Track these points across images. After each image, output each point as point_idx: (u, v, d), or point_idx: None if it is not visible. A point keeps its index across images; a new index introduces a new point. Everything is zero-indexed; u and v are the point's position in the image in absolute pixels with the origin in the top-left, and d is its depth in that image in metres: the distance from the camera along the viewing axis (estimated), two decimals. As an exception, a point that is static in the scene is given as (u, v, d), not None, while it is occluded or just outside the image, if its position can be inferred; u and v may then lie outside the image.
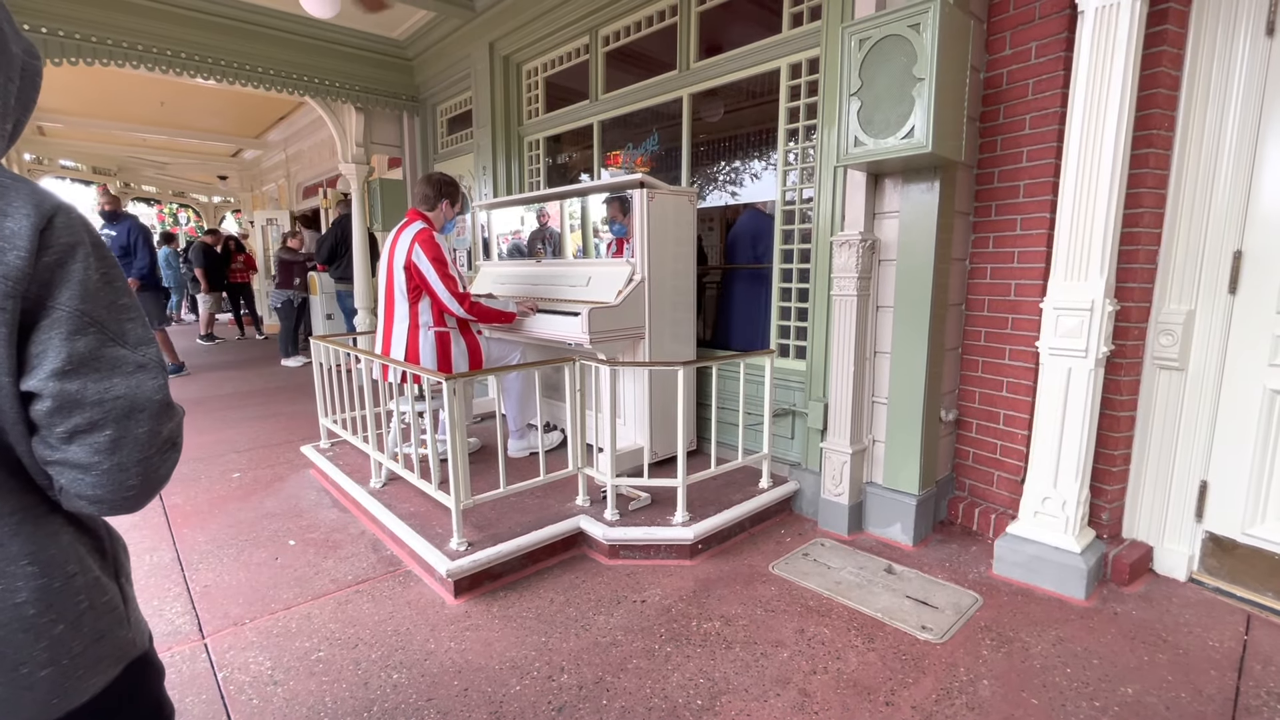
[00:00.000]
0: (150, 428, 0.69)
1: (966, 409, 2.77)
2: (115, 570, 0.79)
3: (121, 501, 0.69)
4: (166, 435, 0.71)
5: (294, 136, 9.02)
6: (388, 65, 5.43)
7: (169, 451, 0.72)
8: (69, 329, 0.64)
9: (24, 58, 0.72)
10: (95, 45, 4.09)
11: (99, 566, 0.75)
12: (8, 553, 0.65)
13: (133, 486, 0.69)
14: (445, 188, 3.07)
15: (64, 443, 0.65)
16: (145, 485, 0.70)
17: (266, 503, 3.13)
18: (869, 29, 2.26)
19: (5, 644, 0.65)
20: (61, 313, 0.64)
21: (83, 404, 0.64)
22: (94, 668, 0.72)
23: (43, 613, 0.67)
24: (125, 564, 0.83)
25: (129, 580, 0.83)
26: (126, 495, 0.69)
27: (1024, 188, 2.49)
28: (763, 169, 3.55)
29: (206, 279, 8.78)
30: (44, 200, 0.65)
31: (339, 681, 1.82)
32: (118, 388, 0.66)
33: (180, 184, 12.46)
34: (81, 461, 0.65)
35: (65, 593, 0.69)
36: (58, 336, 0.64)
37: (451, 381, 2.25)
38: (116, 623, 0.75)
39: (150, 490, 0.71)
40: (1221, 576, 2.25)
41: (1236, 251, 2.13)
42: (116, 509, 0.70)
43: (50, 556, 0.68)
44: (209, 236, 9.18)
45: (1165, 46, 2.13)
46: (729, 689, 1.78)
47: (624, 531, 2.50)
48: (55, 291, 0.64)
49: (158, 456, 0.70)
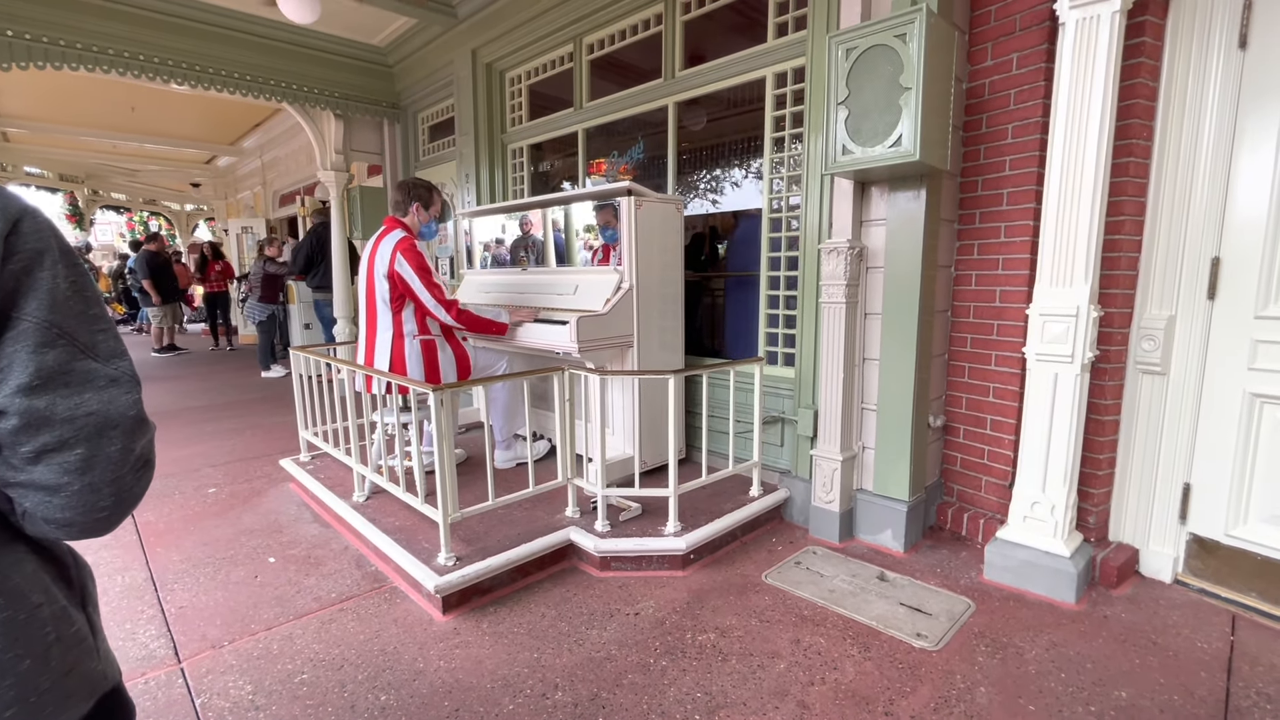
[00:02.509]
0: (123, 445, 0.65)
1: (953, 415, 2.79)
2: (82, 599, 0.74)
3: (93, 524, 0.65)
4: (140, 453, 0.67)
5: (270, 143, 8.87)
6: (368, 72, 5.36)
7: (142, 470, 0.68)
8: (36, 341, 0.60)
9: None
10: (63, 49, 3.98)
11: (65, 595, 0.70)
12: None
13: (105, 508, 0.65)
14: (414, 190, 3.01)
15: (30, 463, 0.60)
16: (118, 506, 0.66)
17: (244, 518, 3.04)
18: (856, 39, 2.28)
19: None
20: (28, 324, 0.60)
21: (52, 421, 0.60)
22: (63, 704, 0.67)
23: (7, 648, 0.62)
24: (92, 591, 0.78)
25: (96, 609, 0.77)
26: (98, 517, 0.65)
27: (1007, 195, 2.52)
28: (747, 177, 3.56)
29: (157, 290, 8.03)
30: (9, 204, 0.61)
31: (324, 705, 1.75)
32: (89, 403, 0.62)
33: (151, 191, 12.16)
34: (50, 483, 0.61)
35: (30, 625, 0.64)
36: (24, 350, 0.59)
37: (439, 393, 2.21)
38: (85, 655, 0.70)
39: (123, 511, 0.67)
40: (1205, 577, 2.29)
41: (1214, 258, 2.18)
42: (87, 532, 0.65)
43: (13, 587, 0.63)
44: (152, 244, 8.30)
45: (1143, 58, 2.18)
46: (727, 703, 1.75)
47: (615, 543, 2.47)
48: (21, 301, 0.60)
49: (131, 475, 0.66)
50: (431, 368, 2.92)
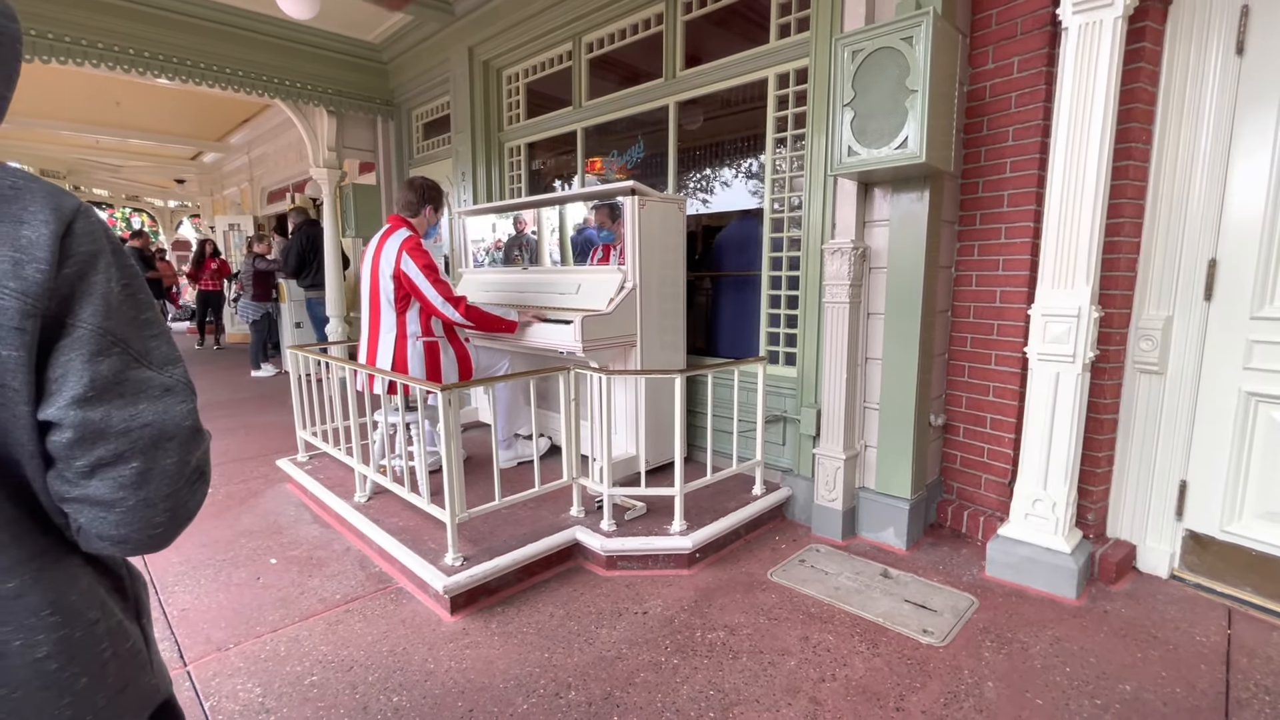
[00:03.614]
0: (179, 457, 0.62)
1: (954, 414, 2.83)
2: (137, 611, 0.73)
3: (147, 541, 0.63)
4: (195, 464, 0.65)
5: (259, 139, 8.75)
6: (362, 68, 5.31)
7: (198, 483, 0.66)
8: (91, 350, 0.57)
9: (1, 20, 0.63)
10: (51, 43, 3.90)
11: (120, 609, 0.69)
12: (28, 604, 0.58)
13: (159, 524, 0.62)
14: (429, 193, 3.00)
15: (84, 477, 0.58)
16: (173, 522, 0.63)
17: (243, 520, 3.00)
18: (862, 41, 2.30)
19: (26, 704, 0.58)
20: (83, 331, 0.57)
21: (107, 434, 0.58)
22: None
23: (64, 666, 0.60)
24: (146, 603, 0.76)
25: (150, 620, 0.76)
26: (153, 534, 0.62)
27: (1008, 197, 2.55)
28: (750, 177, 3.57)
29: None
30: (63, 203, 0.58)
31: (336, 707, 1.74)
32: (144, 414, 0.60)
33: (134, 188, 11.96)
34: (104, 498, 0.59)
35: (87, 642, 0.62)
36: (79, 358, 0.57)
37: (446, 392, 2.20)
38: (140, 669, 0.69)
39: (178, 527, 0.65)
40: (1202, 573, 2.33)
41: (1211, 260, 2.22)
42: (141, 549, 0.63)
43: (70, 604, 0.62)
44: (136, 240, 8.17)
45: (1143, 63, 2.22)
46: (740, 700, 1.76)
47: (622, 542, 2.47)
48: (76, 307, 0.57)
49: (186, 489, 0.64)
50: (434, 368, 2.91)
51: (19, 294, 0.54)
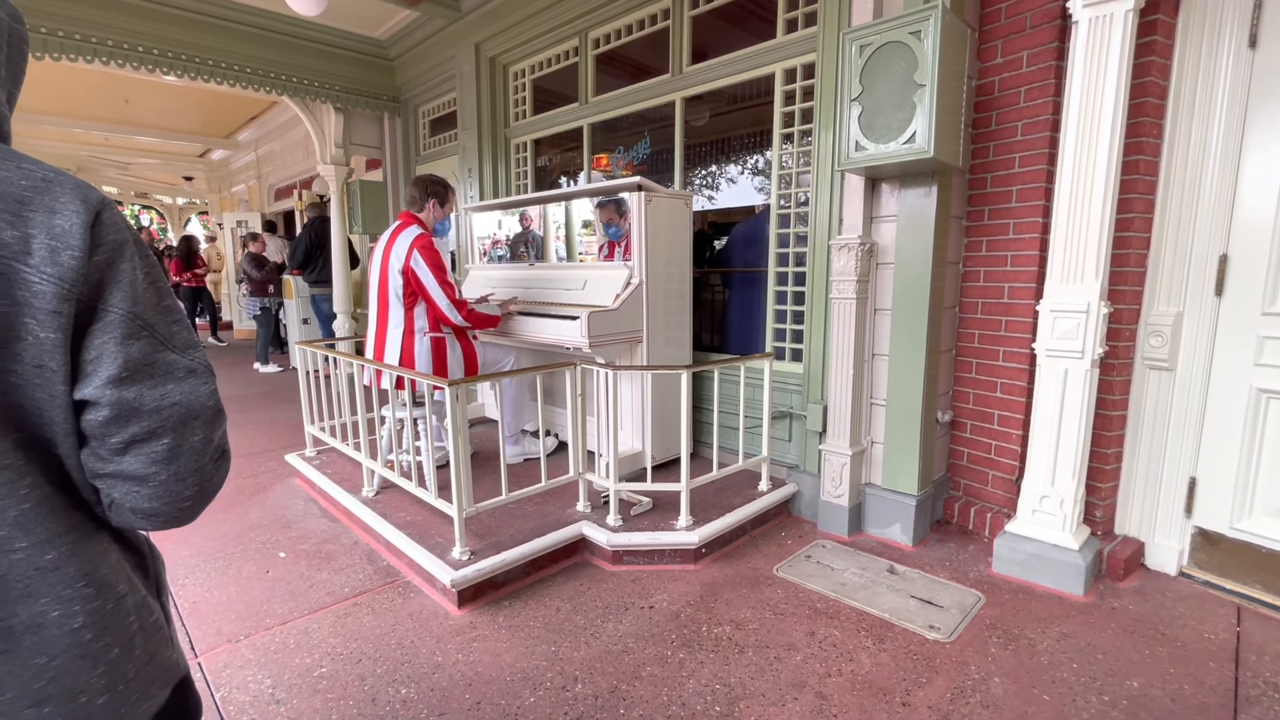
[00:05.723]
0: (205, 434, 0.67)
1: (961, 410, 2.82)
2: (157, 588, 0.76)
3: (177, 514, 0.67)
4: (218, 442, 0.69)
5: (266, 136, 8.78)
6: (368, 65, 5.32)
7: (220, 459, 0.70)
8: (123, 333, 0.61)
9: (9, 22, 0.67)
10: (62, 40, 3.92)
11: (143, 585, 0.72)
12: (65, 575, 0.61)
13: (189, 497, 0.67)
14: (431, 187, 3.01)
15: (118, 454, 0.62)
16: (200, 495, 0.68)
17: (252, 514, 3.03)
18: (870, 35, 2.29)
19: (64, 672, 0.60)
20: (114, 315, 0.61)
21: (140, 412, 0.62)
22: (146, 692, 0.68)
23: (98, 636, 0.63)
24: (165, 581, 0.79)
25: (169, 598, 0.79)
26: (183, 506, 0.67)
27: (1016, 193, 2.54)
28: (756, 174, 3.57)
29: None
30: (90, 195, 0.62)
31: (345, 699, 1.76)
32: (172, 394, 0.64)
33: (143, 185, 12.02)
34: (138, 473, 0.63)
35: (117, 614, 0.65)
36: (112, 341, 0.61)
37: (454, 388, 2.20)
38: (163, 643, 0.72)
39: (204, 501, 0.69)
40: (1210, 570, 2.32)
41: (1222, 255, 2.21)
42: (171, 522, 0.67)
43: (102, 577, 0.65)
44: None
45: (1154, 57, 2.20)
46: (746, 694, 1.77)
47: (628, 537, 2.48)
48: (106, 293, 0.61)
49: (211, 465, 0.68)
50: (440, 364, 2.92)
51: (56, 279, 0.57)
